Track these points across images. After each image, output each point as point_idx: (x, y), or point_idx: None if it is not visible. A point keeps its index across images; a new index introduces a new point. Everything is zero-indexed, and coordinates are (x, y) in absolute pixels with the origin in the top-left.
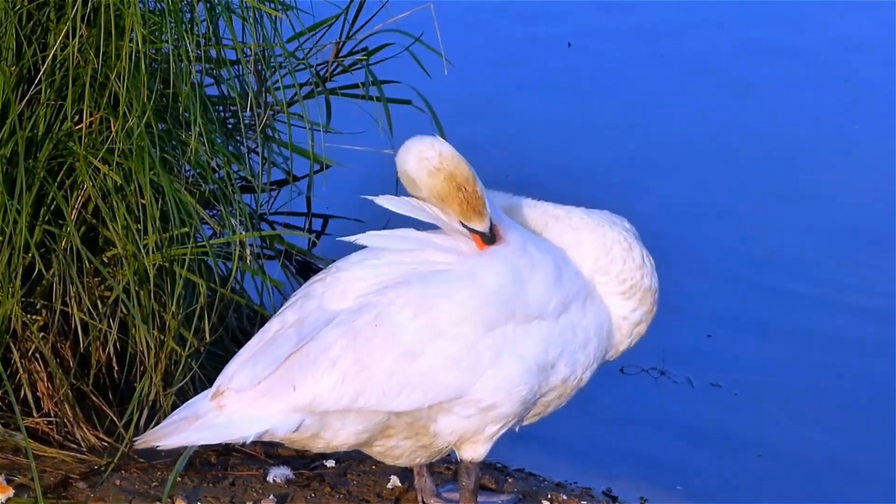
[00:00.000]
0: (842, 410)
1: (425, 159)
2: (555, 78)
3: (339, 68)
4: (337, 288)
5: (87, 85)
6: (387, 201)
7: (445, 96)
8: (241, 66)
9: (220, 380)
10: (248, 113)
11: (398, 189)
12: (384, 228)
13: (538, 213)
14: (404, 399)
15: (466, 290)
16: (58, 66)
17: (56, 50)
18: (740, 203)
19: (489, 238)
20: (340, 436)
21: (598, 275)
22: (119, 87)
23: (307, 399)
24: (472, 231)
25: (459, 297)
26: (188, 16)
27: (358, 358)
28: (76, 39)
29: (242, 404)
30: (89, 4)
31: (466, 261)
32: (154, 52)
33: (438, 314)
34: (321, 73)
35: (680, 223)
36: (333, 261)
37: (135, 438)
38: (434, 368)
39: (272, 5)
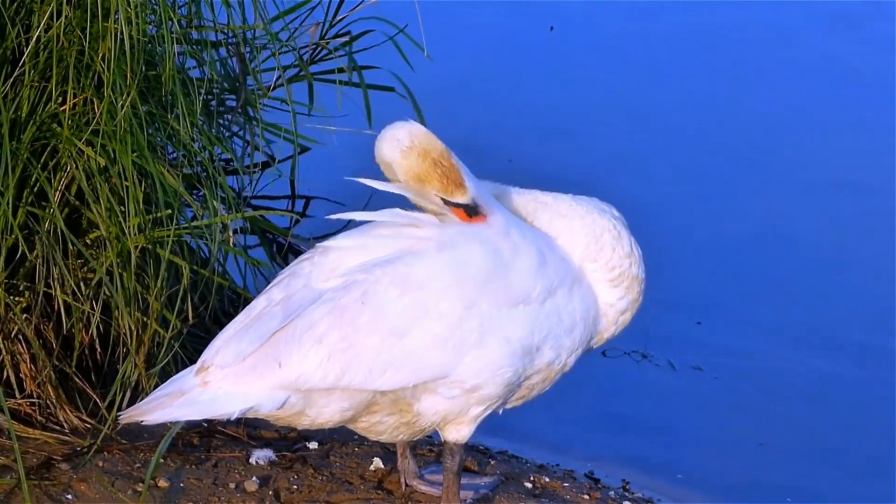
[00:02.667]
0: (827, 396)
1: (397, 140)
2: (537, 62)
3: (323, 52)
4: (324, 267)
5: (72, 66)
6: (372, 182)
7: (427, 82)
8: (224, 48)
9: (206, 355)
10: (232, 95)
11: (379, 171)
12: (366, 209)
13: (527, 199)
14: (390, 378)
15: (449, 268)
16: (42, 47)
17: (40, 31)
18: (737, 191)
19: (473, 210)
20: (325, 413)
21: (587, 262)
22: (104, 69)
23: (293, 376)
24: (456, 206)
25: (443, 275)
26: None
27: (344, 335)
28: (60, 20)
29: (227, 381)
30: None
31: (449, 241)
32: (138, 33)
33: (424, 293)
34: (304, 56)
35: (674, 210)
36: (316, 242)
37: (119, 413)
38: (420, 348)
39: None
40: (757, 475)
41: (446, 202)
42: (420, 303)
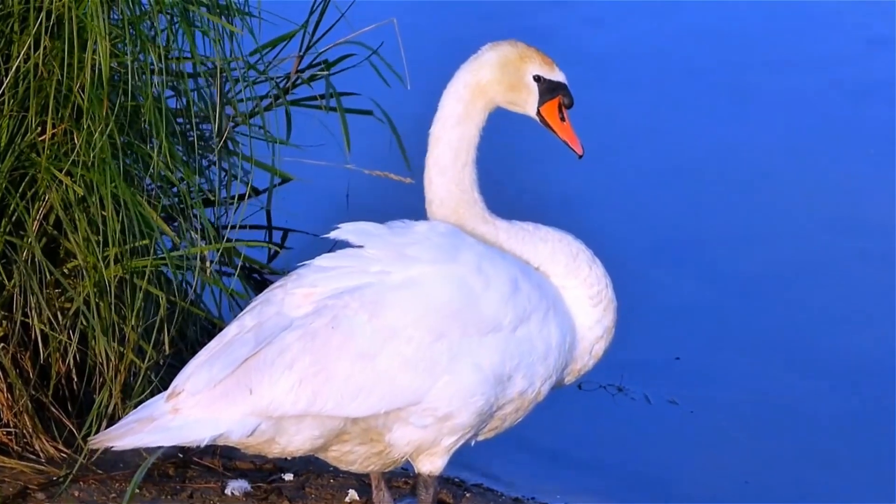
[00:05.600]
0: (808, 431)
1: (481, 49)
2: None
3: (300, 80)
4: (297, 294)
5: (51, 97)
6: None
7: (407, 110)
8: (202, 79)
9: (177, 381)
10: (209, 126)
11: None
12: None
13: (516, 229)
14: (361, 403)
15: (417, 298)
16: (21, 77)
17: (20, 61)
18: (717, 225)
19: (568, 98)
20: (295, 441)
21: (568, 279)
22: (82, 100)
23: (264, 403)
24: (554, 90)
25: (411, 303)
26: (149, 26)
27: (315, 360)
28: (39, 52)
29: (199, 408)
30: (53, 17)
31: (420, 274)
32: (116, 64)
33: (393, 317)
34: (281, 85)
35: (655, 245)
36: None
37: (90, 438)
38: (390, 370)
39: (234, 19)
40: None
41: (543, 90)
42: (389, 326)
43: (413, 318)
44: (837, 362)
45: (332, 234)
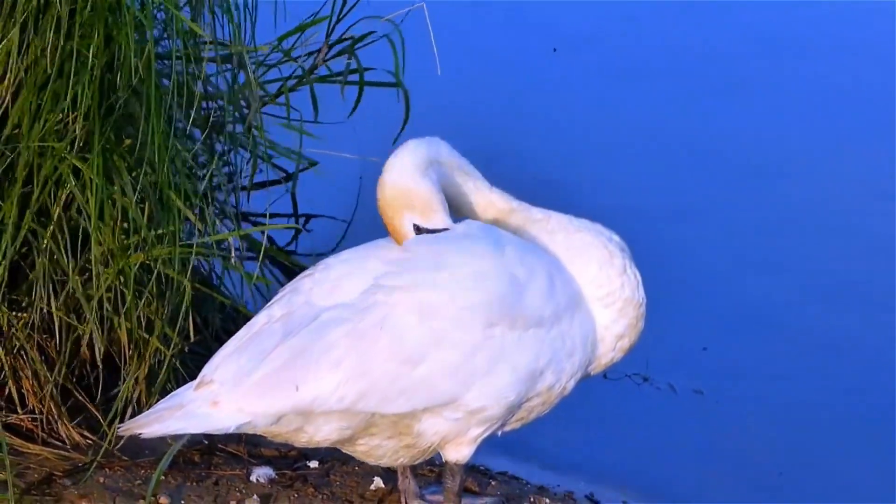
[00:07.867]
0: (830, 421)
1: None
2: (541, 84)
3: (329, 57)
4: (325, 284)
5: (52, 84)
6: None
7: (431, 103)
8: (227, 63)
9: (206, 370)
10: (232, 108)
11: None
12: (369, 227)
13: (523, 216)
14: (402, 403)
15: (469, 290)
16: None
17: (34, 51)
18: (744, 216)
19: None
20: (323, 431)
21: (579, 277)
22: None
23: (308, 399)
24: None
25: (463, 300)
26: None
27: (362, 360)
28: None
29: (242, 402)
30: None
31: (466, 266)
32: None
33: (441, 319)
34: (306, 65)
35: (683, 235)
36: (319, 258)
37: (119, 426)
38: (433, 375)
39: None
40: (756, 497)
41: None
42: (437, 330)
43: (461, 311)
44: (858, 357)
45: None
